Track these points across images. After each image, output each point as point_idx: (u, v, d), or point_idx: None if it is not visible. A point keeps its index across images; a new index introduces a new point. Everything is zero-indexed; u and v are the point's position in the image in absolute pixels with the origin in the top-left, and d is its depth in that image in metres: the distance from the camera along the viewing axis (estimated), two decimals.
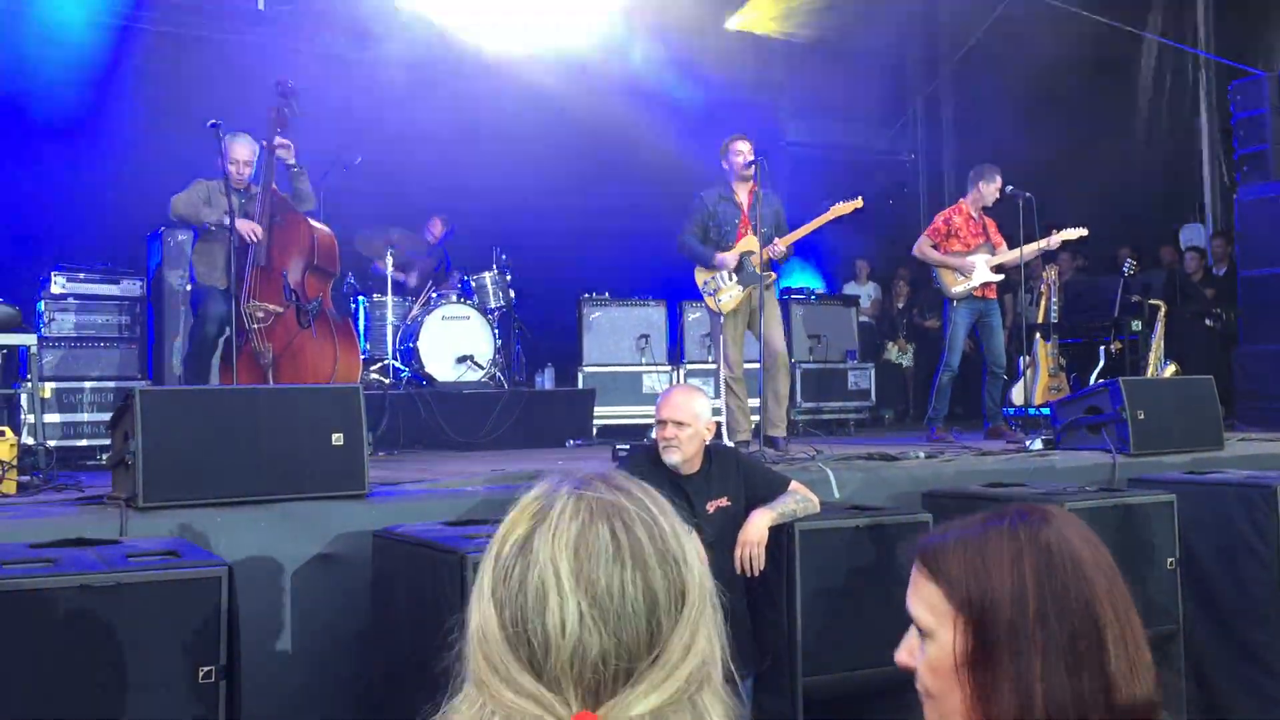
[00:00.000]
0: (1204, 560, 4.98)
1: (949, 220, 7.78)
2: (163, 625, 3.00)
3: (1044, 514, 1.32)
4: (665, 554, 1.10)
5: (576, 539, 1.08)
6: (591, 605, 1.04)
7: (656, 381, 9.16)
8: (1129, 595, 1.30)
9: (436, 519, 4.06)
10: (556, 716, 1.03)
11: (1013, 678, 1.24)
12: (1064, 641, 1.24)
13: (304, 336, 6.21)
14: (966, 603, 1.28)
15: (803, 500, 4.12)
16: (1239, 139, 9.15)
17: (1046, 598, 1.25)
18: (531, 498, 1.14)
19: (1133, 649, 1.26)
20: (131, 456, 3.93)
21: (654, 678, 1.04)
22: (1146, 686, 1.25)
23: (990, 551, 1.29)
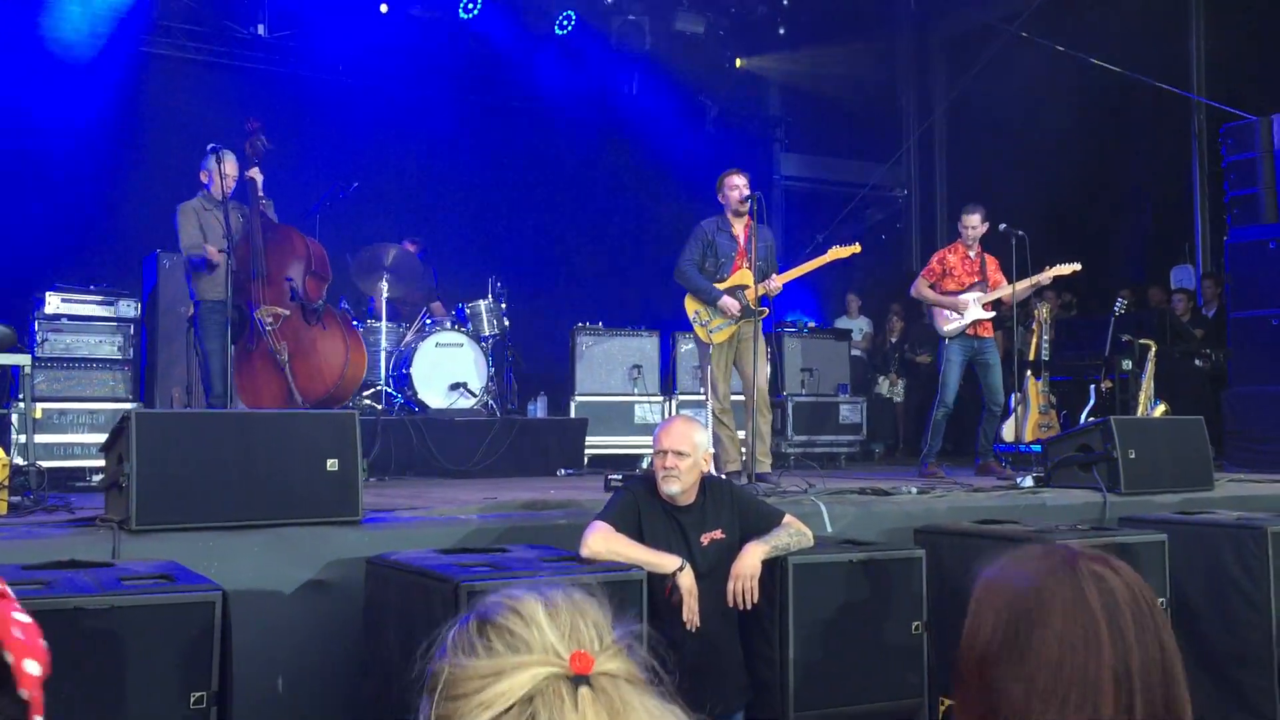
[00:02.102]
0: (1194, 600, 4.99)
1: (943, 259, 7.85)
2: (155, 649, 2.99)
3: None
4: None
5: (540, 597, 1.20)
6: (550, 597, 1.18)
7: (648, 412, 9.17)
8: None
9: (430, 546, 4.05)
10: (555, 664, 1.11)
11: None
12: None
13: (315, 332, 6.59)
14: None
15: (796, 534, 4.12)
16: (1229, 182, 9.23)
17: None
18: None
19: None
20: (125, 479, 3.92)
21: (619, 645, 1.17)
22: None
23: None
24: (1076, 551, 1.37)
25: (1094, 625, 1.30)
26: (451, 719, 1.12)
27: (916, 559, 4.30)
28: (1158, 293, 11.36)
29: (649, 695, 1.15)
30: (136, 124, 9.61)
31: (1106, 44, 10.96)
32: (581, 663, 1.12)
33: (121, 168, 9.45)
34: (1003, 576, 1.38)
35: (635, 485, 4.18)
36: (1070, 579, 1.33)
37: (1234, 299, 9.12)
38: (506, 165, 11.48)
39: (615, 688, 1.12)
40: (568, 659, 1.12)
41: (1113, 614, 1.30)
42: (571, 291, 10.89)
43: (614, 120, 12.11)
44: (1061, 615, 1.31)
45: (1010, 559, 1.40)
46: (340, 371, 6.64)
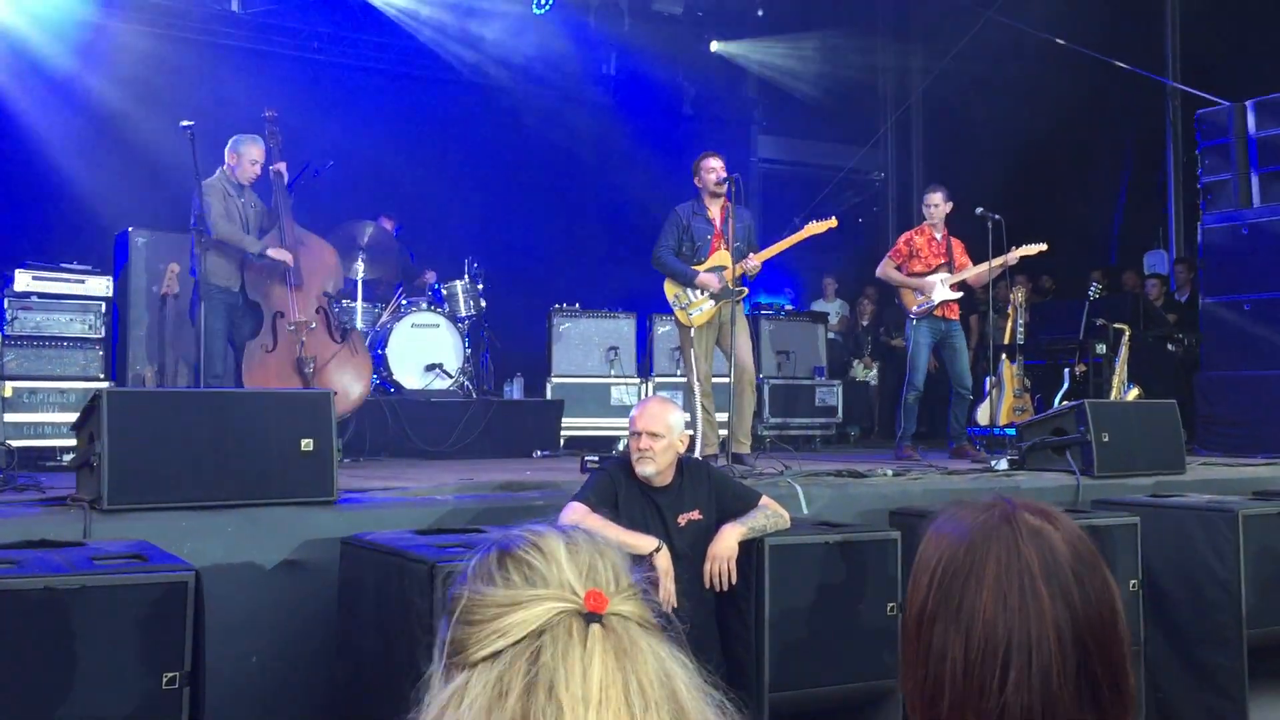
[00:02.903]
0: (1165, 582, 5.04)
1: (910, 241, 7.87)
2: (127, 629, 2.96)
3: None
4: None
5: (562, 535, 1.21)
6: (572, 536, 1.20)
7: (625, 393, 9.16)
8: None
9: (405, 527, 4.03)
10: (570, 601, 1.13)
11: None
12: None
13: (346, 353, 6.89)
14: None
15: (773, 516, 4.13)
16: (1203, 167, 9.27)
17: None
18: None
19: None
20: (97, 458, 3.88)
21: (635, 589, 1.19)
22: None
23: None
24: (1015, 505, 1.31)
25: (1031, 581, 1.23)
26: (466, 643, 1.14)
27: (892, 541, 4.32)
28: (1131, 277, 11.44)
29: (659, 640, 1.16)
30: (108, 100, 9.48)
31: (1082, 29, 10.99)
32: (596, 601, 1.14)
33: (93, 144, 9.33)
34: (940, 531, 1.33)
35: (612, 466, 4.18)
36: (1007, 533, 1.27)
37: (1207, 284, 9.19)
38: (483, 145, 11.41)
39: (626, 629, 1.14)
40: (583, 596, 1.14)
41: (1051, 570, 1.24)
42: (548, 273, 10.86)
43: (591, 101, 12.06)
44: (995, 570, 1.25)
45: (948, 514, 1.34)
46: (361, 396, 7.01)
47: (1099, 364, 9.01)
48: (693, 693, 1.15)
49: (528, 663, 1.10)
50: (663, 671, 1.13)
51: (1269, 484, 6.27)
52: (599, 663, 1.10)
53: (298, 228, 6.94)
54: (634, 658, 1.12)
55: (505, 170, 11.43)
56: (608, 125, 12.04)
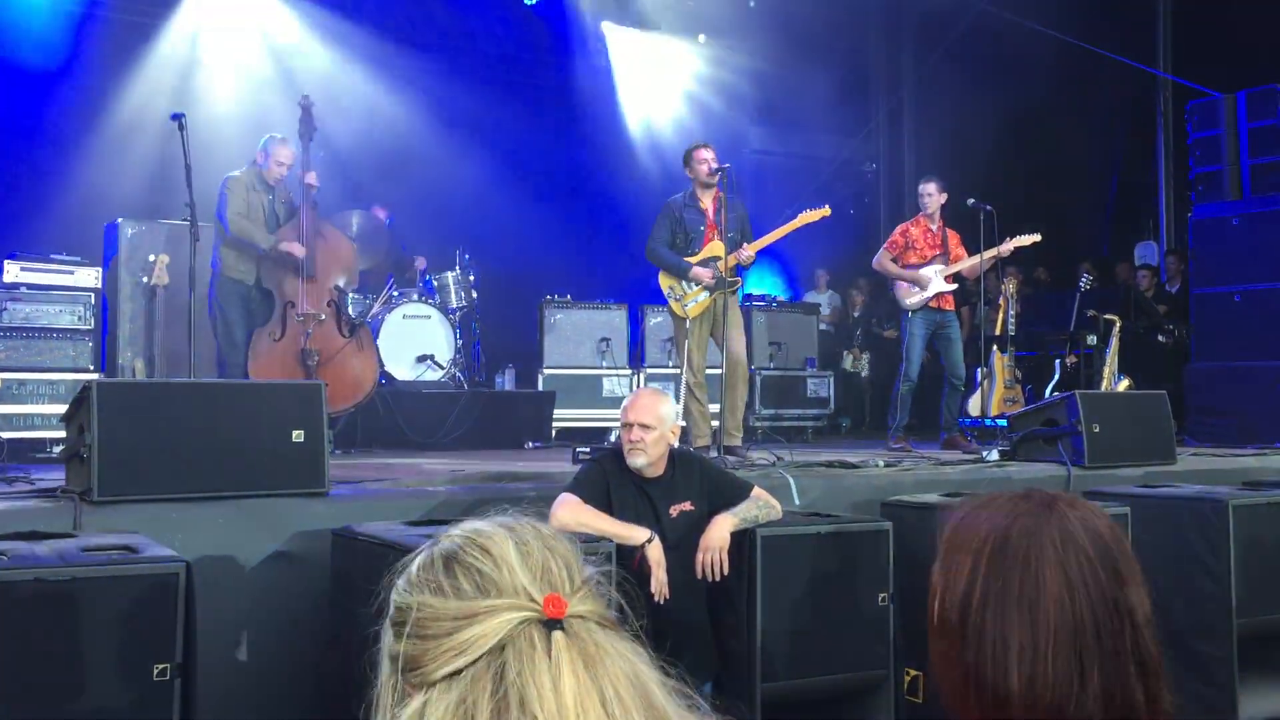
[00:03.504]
0: (1155, 573, 5.00)
1: (906, 233, 7.87)
2: (118, 621, 2.95)
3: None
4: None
5: (509, 534, 1.17)
6: (520, 535, 1.15)
7: (617, 384, 9.15)
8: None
9: (397, 519, 4.02)
10: (529, 609, 1.08)
11: None
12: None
13: (350, 347, 6.90)
14: None
15: (765, 506, 4.13)
16: (1195, 159, 9.29)
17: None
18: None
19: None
20: (87, 450, 3.86)
21: (589, 586, 1.15)
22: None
23: None
24: (1053, 494, 1.32)
25: (1089, 561, 1.24)
26: (421, 660, 1.10)
27: (883, 531, 4.32)
28: (1123, 269, 11.46)
29: (620, 638, 1.13)
30: (96, 90, 9.43)
31: (1074, 20, 10.99)
32: (555, 606, 1.09)
33: (81, 134, 9.28)
34: (975, 519, 1.31)
35: (604, 458, 4.18)
36: (1055, 516, 1.28)
37: (1197, 275, 9.21)
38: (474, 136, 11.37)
39: (588, 631, 1.10)
40: (541, 602, 1.09)
41: (1103, 551, 1.26)
42: (540, 264, 10.83)
43: (583, 91, 12.03)
44: (1054, 550, 1.25)
45: (976, 504, 1.33)
46: (368, 391, 7.03)
47: (1090, 355, 9.04)
48: (666, 693, 1.12)
49: (493, 681, 1.06)
50: (633, 673, 1.10)
51: (1259, 474, 6.29)
52: (568, 673, 1.06)
53: (320, 221, 7.02)
54: (603, 662, 1.08)
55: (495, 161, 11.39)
56: (600, 115, 12.02)
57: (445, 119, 11.14)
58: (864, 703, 4.27)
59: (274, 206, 6.85)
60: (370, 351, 7.10)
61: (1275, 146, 8.64)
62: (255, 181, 6.80)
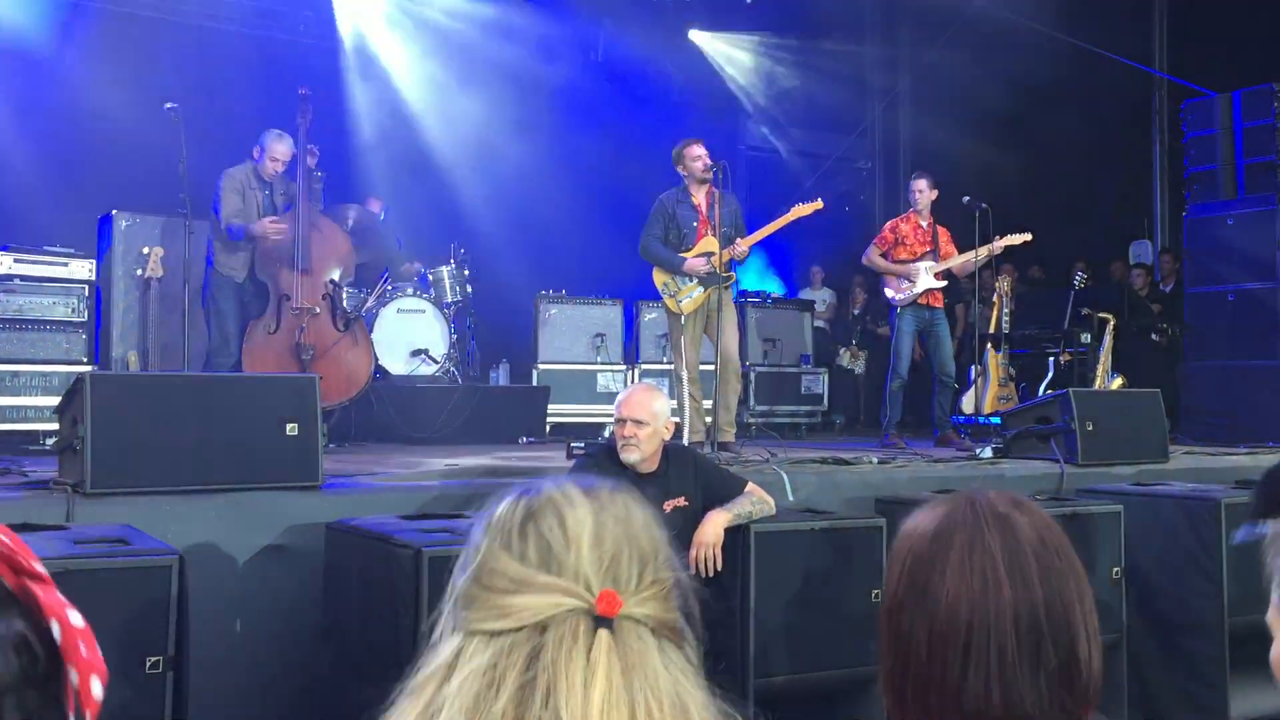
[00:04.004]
0: (1148, 571, 5.06)
1: (896, 228, 7.88)
2: (110, 613, 2.94)
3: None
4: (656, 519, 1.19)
5: (595, 511, 1.13)
6: (600, 513, 1.11)
7: (611, 380, 9.15)
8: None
9: (390, 513, 4.02)
10: (582, 598, 1.06)
11: None
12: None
13: (345, 341, 6.88)
14: None
15: (758, 502, 4.14)
16: (1189, 158, 9.31)
17: None
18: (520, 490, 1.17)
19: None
20: (80, 442, 3.85)
21: (660, 587, 1.11)
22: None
23: None
24: (983, 495, 1.35)
25: (992, 565, 1.26)
26: (473, 604, 1.08)
27: (877, 528, 4.33)
28: (1117, 267, 11.47)
29: (672, 648, 1.09)
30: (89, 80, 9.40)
31: (1070, 19, 11.00)
32: (608, 603, 1.06)
33: (75, 126, 9.25)
34: (911, 524, 1.36)
35: (598, 453, 4.18)
36: (972, 520, 1.30)
37: (1191, 274, 9.23)
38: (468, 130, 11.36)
39: (638, 635, 1.06)
40: (595, 595, 1.06)
41: (1014, 554, 1.27)
42: (535, 259, 10.82)
43: (579, 86, 12.01)
44: (959, 554, 1.28)
45: (922, 509, 1.38)
46: (362, 385, 7.00)
47: (1084, 353, 9.04)
48: (708, 717, 1.07)
49: (526, 658, 1.04)
50: (675, 691, 1.05)
51: (1251, 473, 6.30)
52: (602, 676, 1.02)
53: (315, 212, 6.98)
54: (643, 672, 1.04)
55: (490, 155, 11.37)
56: (595, 110, 12.00)
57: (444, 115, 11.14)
58: (856, 698, 4.28)
59: (271, 200, 6.82)
60: (365, 345, 7.07)
61: (1270, 146, 8.67)
62: (251, 178, 6.79)
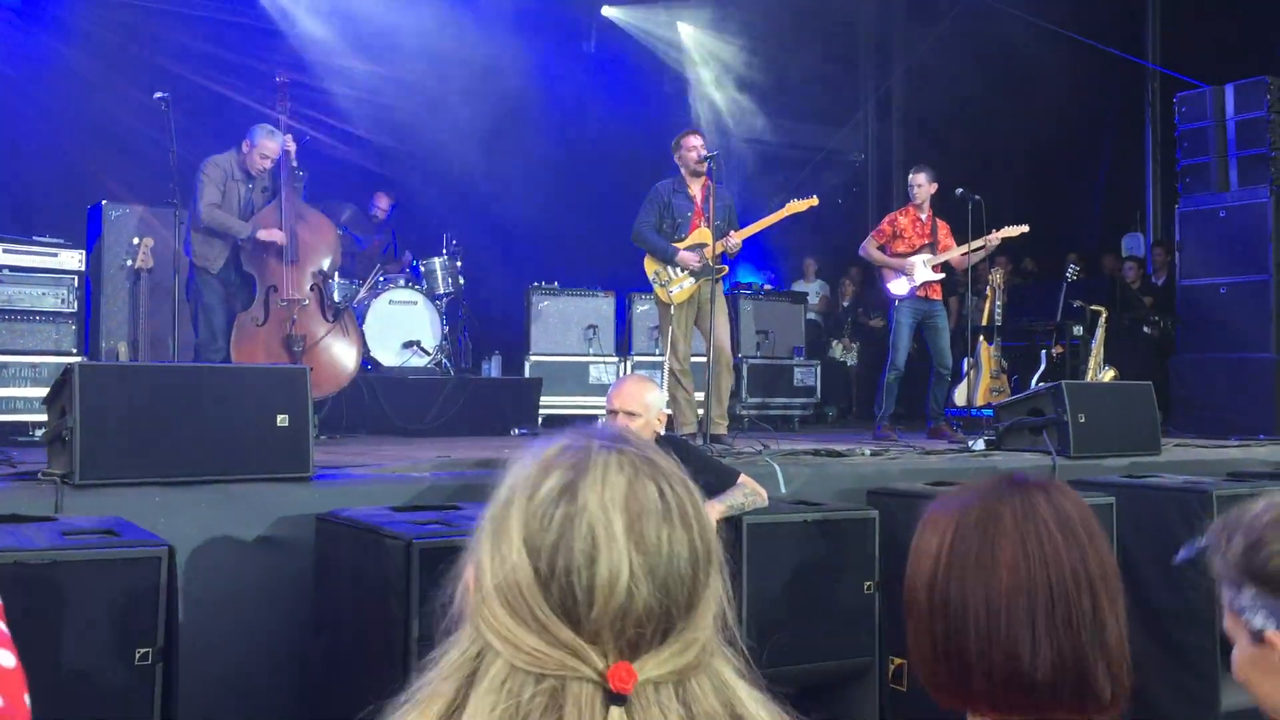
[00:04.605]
0: (1140, 563, 5.06)
1: (894, 221, 7.87)
2: (99, 605, 2.93)
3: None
4: (701, 516, 1.09)
5: (626, 493, 1.03)
6: (643, 560, 1.01)
7: (603, 372, 9.13)
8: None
9: (382, 504, 4.01)
10: (592, 666, 0.99)
11: None
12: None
13: (336, 332, 6.82)
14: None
15: (751, 494, 4.12)
16: (1182, 150, 9.31)
17: None
18: (556, 450, 1.09)
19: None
20: (69, 432, 3.83)
21: (686, 637, 1.02)
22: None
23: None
24: (1029, 476, 1.40)
25: (1047, 529, 1.31)
26: (495, 615, 1.01)
27: (870, 519, 4.33)
28: (1109, 260, 11.48)
29: (709, 692, 1.02)
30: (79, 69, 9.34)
31: (1063, 11, 10.98)
32: (621, 680, 0.98)
33: (65, 116, 9.19)
34: (948, 502, 1.39)
35: None
36: (1019, 492, 1.35)
37: (1183, 267, 9.23)
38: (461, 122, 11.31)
39: (664, 703, 0.99)
40: (607, 668, 0.99)
41: (1064, 520, 1.33)
42: (527, 250, 10.79)
43: (571, 77, 11.97)
44: (1014, 519, 1.32)
45: (951, 493, 1.41)
46: (352, 376, 6.96)
47: (1076, 346, 9.05)
48: None
49: (548, 707, 0.98)
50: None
51: (1243, 465, 6.32)
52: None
53: (301, 203, 6.90)
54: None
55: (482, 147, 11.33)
56: (588, 103, 11.97)
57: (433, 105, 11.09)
58: (849, 691, 4.27)
59: (251, 195, 6.72)
60: (354, 336, 7.02)
61: (1263, 138, 8.67)
62: (235, 169, 6.69)
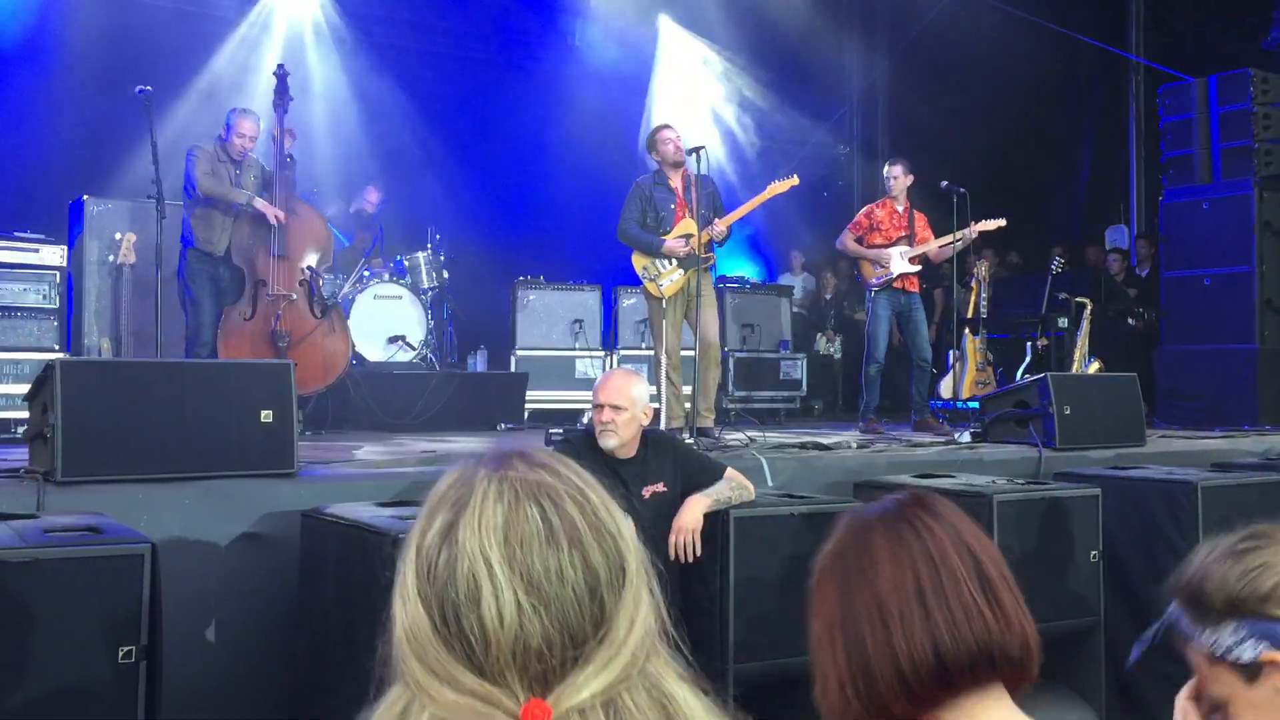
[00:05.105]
0: (1125, 554, 5.08)
1: (871, 214, 7.87)
2: (82, 603, 2.91)
3: None
4: (600, 529, 1.04)
5: (505, 524, 1.00)
6: (529, 593, 0.97)
7: (590, 366, 9.12)
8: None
9: (367, 500, 3.99)
10: (505, 710, 0.96)
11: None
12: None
13: (324, 328, 6.79)
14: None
15: (738, 488, 4.12)
16: (1166, 143, 9.33)
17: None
18: (447, 484, 1.06)
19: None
20: (50, 429, 3.80)
21: (603, 656, 0.99)
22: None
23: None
24: (893, 498, 1.46)
25: (920, 520, 1.39)
26: (411, 666, 1.00)
27: None
28: (1094, 252, 11.51)
29: (644, 706, 1.00)
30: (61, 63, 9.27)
31: (1047, 4, 11.00)
32: (536, 718, 0.95)
33: (46, 111, 9.12)
34: (824, 548, 1.47)
35: (575, 439, 4.16)
36: (888, 507, 1.43)
37: (1167, 259, 9.26)
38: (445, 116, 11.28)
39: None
40: (520, 707, 0.96)
41: (930, 507, 1.42)
42: (512, 245, 10.77)
43: (555, 72, 11.94)
44: (884, 525, 1.40)
45: (830, 536, 1.49)
46: (339, 372, 6.91)
47: (1061, 338, 9.07)
48: None
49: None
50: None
51: (1227, 456, 6.35)
52: None
53: (294, 198, 6.87)
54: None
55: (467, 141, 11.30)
56: (572, 96, 11.94)
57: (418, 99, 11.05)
58: None
59: (241, 181, 6.69)
60: (342, 333, 6.99)
61: (1246, 131, 8.69)
62: (220, 154, 6.68)
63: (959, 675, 1.32)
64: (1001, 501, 4.45)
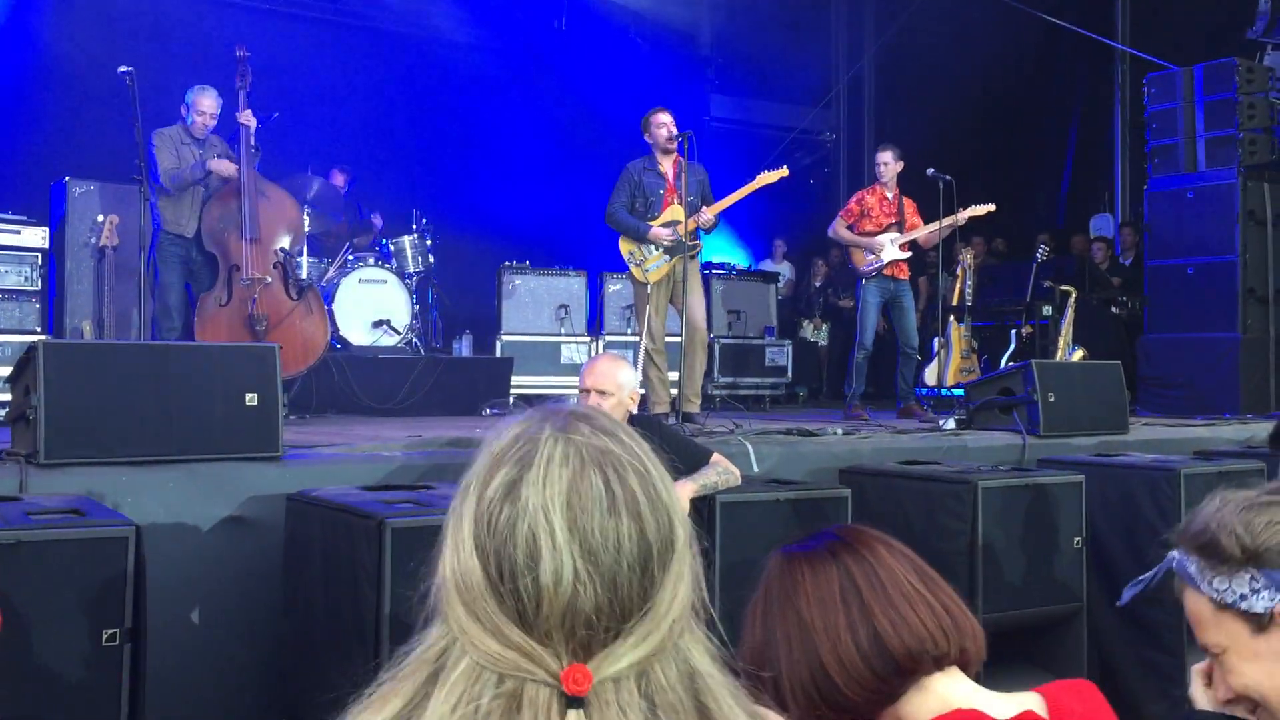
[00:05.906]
0: (1108, 540, 5.11)
1: (861, 200, 7.89)
2: (65, 586, 2.89)
3: None
4: (657, 503, 1.05)
5: (569, 488, 1.01)
6: (586, 559, 0.99)
7: (575, 352, 9.11)
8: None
9: (353, 483, 3.97)
10: (547, 669, 0.97)
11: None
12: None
13: (299, 310, 6.72)
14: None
15: (724, 473, 4.12)
16: (1151, 131, 9.35)
17: None
18: (511, 437, 1.06)
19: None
20: (33, 411, 3.77)
21: (644, 628, 1.00)
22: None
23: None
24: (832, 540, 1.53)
25: (836, 542, 1.50)
26: (457, 610, 1.01)
27: (843, 498, 4.33)
28: (1078, 240, 11.55)
29: (674, 682, 1.00)
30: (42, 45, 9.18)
31: None
32: (576, 682, 0.96)
33: (28, 91, 9.04)
34: (753, 598, 1.54)
35: None
36: (798, 552, 1.52)
37: (1151, 247, 9.29)
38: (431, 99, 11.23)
39: (626, 697, 0.98)
40: (561, 671, 0.97)
41: (845, 532, 1.53)
42: (498, 229, 10.74)
43: (543, 56, 11.90)
44: (804, 556, 1.50)
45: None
46: (319, 354, 6.87)
47: (1045, 325, 9.11)
48: None
49: (508, 709, 0.97)
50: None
51: (1209, 444, 6.39)
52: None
53: (261, 179, 6.80)
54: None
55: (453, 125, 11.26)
56: (560, 81, 11.90)
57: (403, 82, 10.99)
58: None
59: (204, 160, 6.60)
60: (320, 314, 6.94)
61: (1231, 120, 8.71)
62: (183, 136, 6.62)
63: (911, 663, 1.38)
64: (985, 488, 4.46)
